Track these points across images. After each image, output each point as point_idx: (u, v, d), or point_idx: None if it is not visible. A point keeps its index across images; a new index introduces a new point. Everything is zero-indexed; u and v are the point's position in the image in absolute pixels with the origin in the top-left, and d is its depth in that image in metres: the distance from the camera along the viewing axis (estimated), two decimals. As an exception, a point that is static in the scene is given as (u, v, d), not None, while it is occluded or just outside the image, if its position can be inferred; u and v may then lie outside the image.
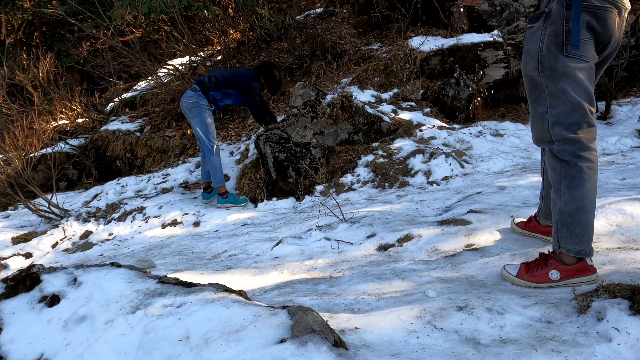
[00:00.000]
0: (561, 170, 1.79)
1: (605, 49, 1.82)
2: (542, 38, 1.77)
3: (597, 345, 1.41)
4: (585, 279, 1.82)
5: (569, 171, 1.77)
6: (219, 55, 7.78)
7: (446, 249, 2.40)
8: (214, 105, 4.71)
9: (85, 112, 8.20)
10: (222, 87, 4.70)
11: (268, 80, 4.82)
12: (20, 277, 2.13)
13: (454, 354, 1.45)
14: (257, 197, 4.81)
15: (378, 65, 6.01)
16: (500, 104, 5.96)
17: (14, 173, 5.50)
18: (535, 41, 1.80)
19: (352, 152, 4.87)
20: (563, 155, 1.78)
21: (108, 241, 4.50)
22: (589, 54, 1.74)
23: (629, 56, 5.30)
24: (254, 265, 2.75)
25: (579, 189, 1.75)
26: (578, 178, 1.75)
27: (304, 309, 1.52)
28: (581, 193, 1.75)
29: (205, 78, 4.72)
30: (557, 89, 1.75)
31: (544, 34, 1.76)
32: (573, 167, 1.76)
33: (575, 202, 1.76)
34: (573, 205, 1.76)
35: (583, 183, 1.75)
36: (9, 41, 12.48)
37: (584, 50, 1.73)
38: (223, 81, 4.70)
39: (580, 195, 1.75)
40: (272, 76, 4.81)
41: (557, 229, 1.83)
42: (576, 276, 1.82)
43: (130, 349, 1.59)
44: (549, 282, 1.83)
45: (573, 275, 1.82)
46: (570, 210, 1.77)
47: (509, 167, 4.28)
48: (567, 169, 1.78)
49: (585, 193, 1.75)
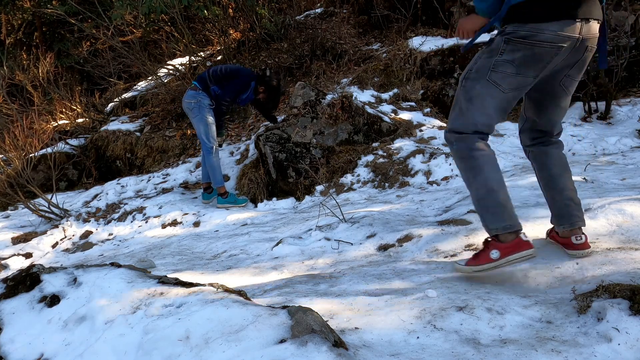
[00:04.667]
0: (463, 165, 2.00)
1: (567, 69, 1.94)
2: (477, 59, 1.97)
3: (597, 345, 1.41)
4: (523, 254, 1.92)
5: (468, 164, 1.97)
6: (219, 55, 7.78)
7: (446, 249, 2.40)
8: (215, 102, 4.69)
9: (85, 112, 8.20)
10: (223, 80, 4.68)
11: (267, 93, 4.81)
12: (20, 277, 2.13)
13: (454, 354, 1.45)
14: (257, 197, 4.81)
15: (378, 65, 6.01)
16: (500, 104, 5.96)
17: (14, 173, 5.50)
18: (474, 59, 1.99)
19: (352, 152, 4.87)
20: (460, 154, 1.99)
21: (108, 241, 4.50)
22: (508, 86, 1.89)
23: (629, 56, 5.30)
24: (254, 265, 2.75)
25: (482, 174, 1.94)
26: (477, 167, 1.95)
27: (304, 309, 1.52)
28: (484, 177, 1.94)
29: (205, 74, 4.72)
30: (465, 103, 1.96)
31: (479, 57, 1.97)
32: (470, 160, 1.96)
33: (483, 186, 1.95)
34: (482, 189, 1.95)
35: (482, 169, 1.94)
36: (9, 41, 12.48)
37: (505, 82, 1.88)
38: (224, 74, 4.69)
39: (484, 179, 1.94)
40: (273, 93, 4.81)
41: (481, 215, 2.00)
42: (514, 252, 1.92)
43: (130, 349, 1.59)
44: (491, 262, 1.95)
45: (511, 251, 1.92)
46: (482, 194, 1.96)
47: (509, 167, 4.28)
48: (466, 163, 1.98)
49: (488, 175, 1.94)
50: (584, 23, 1.80)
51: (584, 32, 1.82)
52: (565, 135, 4.98)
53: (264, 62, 6.88)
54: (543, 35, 1.79)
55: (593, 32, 1.85)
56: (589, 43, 1.86)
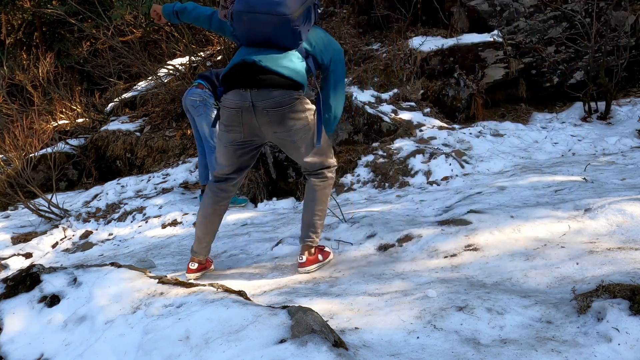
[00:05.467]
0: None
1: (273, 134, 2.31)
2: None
3: (597, 345, 1.41)
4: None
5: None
6: (219, 55, 7.77)
7: (446, 249, 2.40)
8: (219, 104, 4.67)
9: (85, 112, 8.20)
10: None
11: None
12: (20, 277, 2.13)
13: (454, 354, 1.45)
14: (257, 197, 4.81)
15: (378, 65, 6.01)
16: (500, 104, 5.96)
17: (14, 173, 5.50)
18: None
19: (352, 152, 4.87)
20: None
21: (108, 241, 4.50)
22: (222, 138, 2.39)
23: (629, 56, 5.30)
24: (254, 265, 2.75)
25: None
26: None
27: (304, 309, 1.52)
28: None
29: (210, 74, 4.67)
30: None
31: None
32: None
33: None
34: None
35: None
36: (9, 41, 12.48)
37: (219, 136, 2.42)
38: None
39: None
40: None
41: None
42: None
43: (130, 349, 1.59)
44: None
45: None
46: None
47: (509, 167, 4.28)
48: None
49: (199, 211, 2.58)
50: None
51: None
52: (565, 135, 4.99)
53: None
54: None
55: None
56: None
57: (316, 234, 2.48)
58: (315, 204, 2.45)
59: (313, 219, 2.46)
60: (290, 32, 2.14)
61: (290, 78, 2.18)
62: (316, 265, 2.49)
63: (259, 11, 2.09)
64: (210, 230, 2.58)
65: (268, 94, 2.16)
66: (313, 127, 2.30)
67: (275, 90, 2.16)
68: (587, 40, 5.27)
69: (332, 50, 2.35)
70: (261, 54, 2.19)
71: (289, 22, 2.10)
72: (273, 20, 2.09)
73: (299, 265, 2.46)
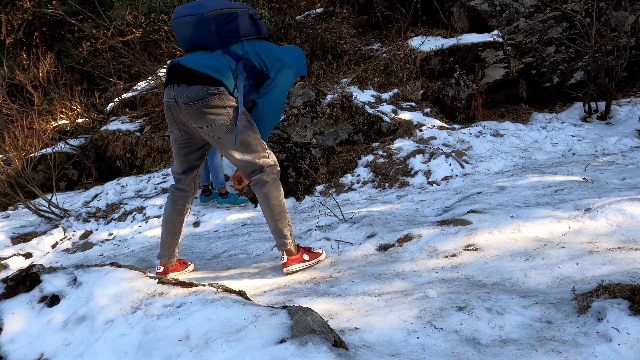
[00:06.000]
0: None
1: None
2: None
3: (597, 345, 1.41)
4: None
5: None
6: (219, 55, 7.76)
7: (446, 249, 2.40)
8: None
9: (85, 112, 8.20)
10: None
11: None
12: (20, 277, 2.13)
13: (454, 354, 1.45)
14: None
15: (378, 65, 6.01)
16: (500, 104, 5.96)
17: (14, 173, 5.50)
18: None
19: (352, 152, 4.87)
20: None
21: (108, 241, 4.50)
22: (170, 138, 2.53)
23: (629, 56, 5.30)
24: (254, 265, 2.75)
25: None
26: None
27: (304, 309, 1.52)
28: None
29: None
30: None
31: None
32: None
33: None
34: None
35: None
36: (9, 41, 12.48)
37: (169, 132, 2.52)
38: None
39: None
40: None
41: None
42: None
43: (130, 349, 1.59)
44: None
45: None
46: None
47: (509, 167, 4.28)
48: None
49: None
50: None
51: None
52: (565, 135, 4.99)
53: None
54: None
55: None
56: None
57: (285, 237, 2.47)
58: (271, 211, 2.45)
59: (276, 225, 2.46)
60: (208, 32, 2.33)
61: (206, 74, 2.28)
62: (300, 265, 2.48)
63: (182, 15, 2.36)
64: (171, 231, 2.61)
65: (186, 89, 2.29)
66: (234, 126, 2.33)
67: (192, 85, 2.28)
68: (587, 40, 5.27)
69: (276, 61, 2.40)
70: (188, 56, 2.39)
71: (205, 21, 2.31)
72: (193, 20, 2.33)
73: (282, 266, 2.48)
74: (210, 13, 2.29)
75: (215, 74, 2.28)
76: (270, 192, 2.42)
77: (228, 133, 2.32)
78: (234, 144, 2.34)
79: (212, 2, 2.34)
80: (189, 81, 2.29)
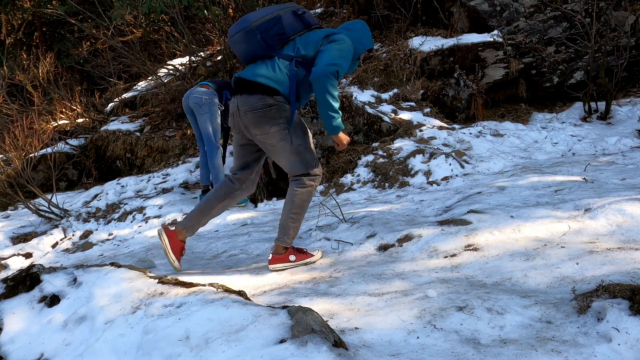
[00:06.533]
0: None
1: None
2: None
3: (597, 345, 1.41)
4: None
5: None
6: (219, 55, 7.77)
7: (446, 249, 2.40)
8: (223, 107, 4.70)
9: (85, 112, 8.20)
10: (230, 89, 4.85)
11: None
12: (20, 277, 2.13)
13: (454, 354, 1.45)
14: (257, 197, 4.81)
15: (378, 65, 6.00)
16: (500, 104, 5.96)
17: (14, 173, 5.50)
18: None
19: (352, 152, 4.87)
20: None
21: (108, 241, 4.50)
22: (234, 137, 2.68)
23: (629, 56, 5.30)
24: (254, 265, 2.75)
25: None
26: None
27: (304, 309, 1.52)
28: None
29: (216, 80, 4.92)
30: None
31: None
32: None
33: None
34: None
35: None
36: (9, 41, 12.48)
37: (234, 134, 2.67)
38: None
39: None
40: None
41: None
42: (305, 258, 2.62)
43: (130, 349, 1.59)
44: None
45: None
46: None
47: (509, 167, 4.28)
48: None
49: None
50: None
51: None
52: (565, 135, 4.99)
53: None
54: None
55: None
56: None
57: (287, 235, 2.58)
58: (291, 207, 2.57)
59: (287, 221, 2.57)
60: (256, 42, 2.45)
61: (261, 84, 2.43)
62: (282, 264, 2.57)
63: (233, 34, 2.51)
64: (202, 207, 2.73)
65: (246, 98, 2.46)
66: (288, 135, 2.47)
67: (251, 95, 2.44)
68: (587, 40, 5.27)
69: (318, 60, 2.42)
70: (246, 69, 2.55)
71: (251, 33, 2.43)
72: (241, 36, 2.47)
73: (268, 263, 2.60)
74: (254, 24, 2.42)
75: (268, 81, 2.42)
76: (302, 193, 2.56)
77: (281, 142, 2.46)
78: (285, 153, 2.50)
79: (255, 14, 2.49)
80: (249, 91, 2.46)
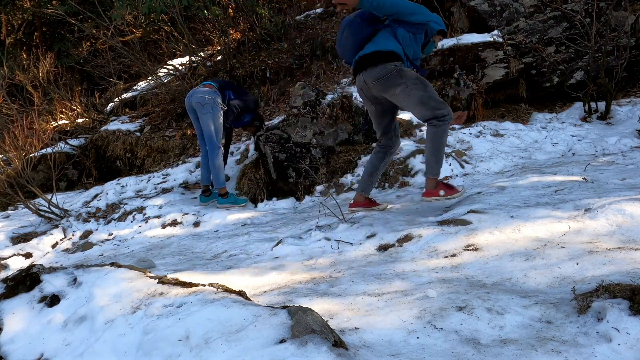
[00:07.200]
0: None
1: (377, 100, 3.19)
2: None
3: (597, 345, 1.41)
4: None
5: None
6: (219, 55, 7.78)
7: (446, 249, 2.40)
8: (226, 107, 4.70)
9: (85, 112, 8.20)
10: (237, 91, 4.90)
11: (255, 128, 5.15)
12: (20, 277, 2.13)
13: (454, 354, 1.45)
14: (257, 197, 4.81)
15: (378, 65, 6.00)
16: (500, 104, 5.95)
17: (14, 173, 5.50)
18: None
19: (352, 152, 4.87)
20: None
21: (108, 241, 4.50)
22: (367, 110, 3.34)
23: (629, 56, 5.30)
24: (254, 265, 2.75)
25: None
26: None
27: (304, 309, 1.52)
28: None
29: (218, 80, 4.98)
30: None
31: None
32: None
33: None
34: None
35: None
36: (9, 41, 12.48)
37: (366, 108, 3.35)
38: (238, 87, 5.06)
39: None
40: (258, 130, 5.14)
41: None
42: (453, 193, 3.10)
43: (130, 349, 1.59)
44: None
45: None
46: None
47: (508, 167, 4.28)
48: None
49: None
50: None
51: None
52: (565, 135, 4.99)
53: (264, 62, 6.88)
54: None
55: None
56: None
57: (432, 169, 3.04)
58: (432, 145, 3.02)
59: (430, 157, 3.04)
60: (359, 27, 3.06)
61: (379, 51, 2.96)
62: (434, 197, 3.06)
63: (342, 40, 3.16)
64: (370, 171, 3.34)
65: (370, 71, 3.00)
66: (411, 91, 2.94)
67: (374, 68, 2.98)
68: (587, 40, 5.27)
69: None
70: (361, 51, 3.09)
71: (352, 23, 3.07)
72: (347, 33, 3.09)
73: (422, 195, 3.17)
74: (352, 5, 2.84)
75: (384, 47, 2.94)
76: (437, 133, 2.98)
77: (407, 99, 2.97)
78: (413, 105, 2.98)
79: (355, 19, 3.11)
80: (371, 64, 2.97)
